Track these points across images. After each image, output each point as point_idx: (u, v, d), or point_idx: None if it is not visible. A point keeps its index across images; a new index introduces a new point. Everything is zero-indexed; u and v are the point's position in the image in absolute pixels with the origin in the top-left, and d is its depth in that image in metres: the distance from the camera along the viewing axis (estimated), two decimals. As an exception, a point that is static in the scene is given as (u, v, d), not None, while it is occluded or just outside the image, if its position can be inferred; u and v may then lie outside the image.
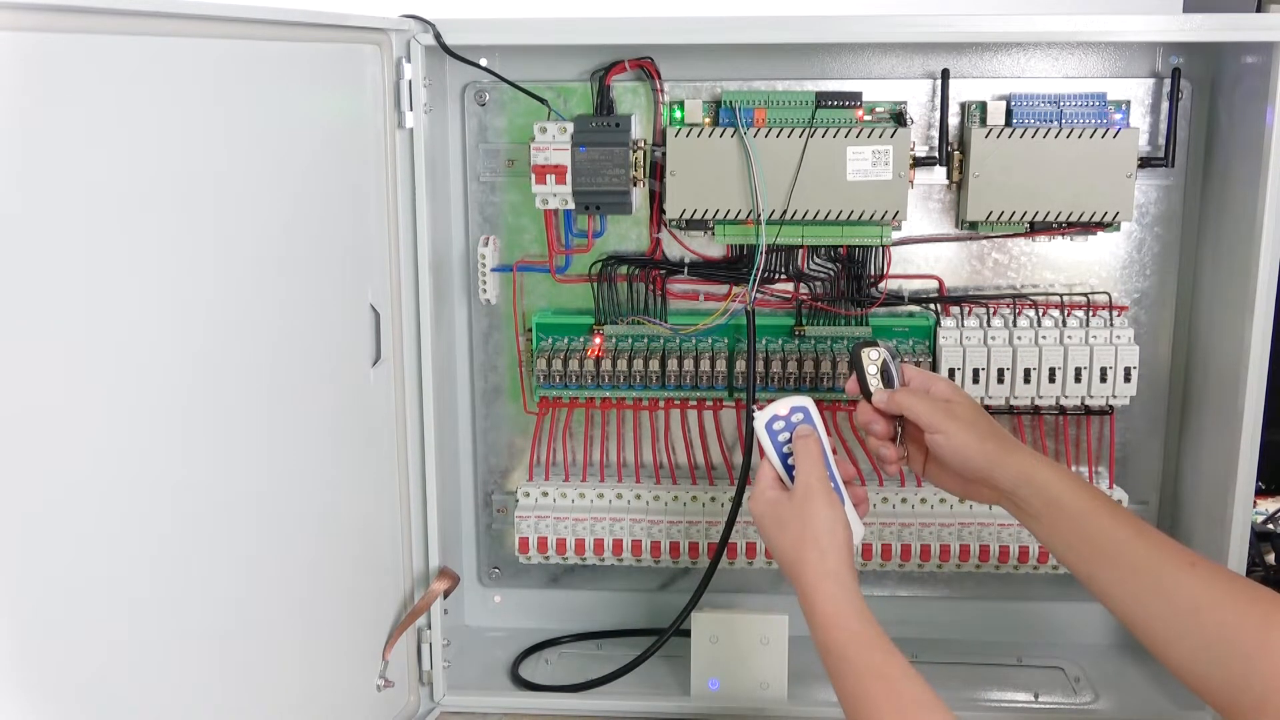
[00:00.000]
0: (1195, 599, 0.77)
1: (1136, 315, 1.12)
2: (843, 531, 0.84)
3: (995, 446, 0.86)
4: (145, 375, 0.72)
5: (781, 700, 1.10)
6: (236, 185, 0.80)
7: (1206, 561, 0.79)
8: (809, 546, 0.83)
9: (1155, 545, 0.80)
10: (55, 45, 0.65)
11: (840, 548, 0.83)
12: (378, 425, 1.02)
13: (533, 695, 1.12)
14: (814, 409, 0.90)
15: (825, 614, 0.81)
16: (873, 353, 0.91)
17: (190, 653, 0.78)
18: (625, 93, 1.09)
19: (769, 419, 0.89)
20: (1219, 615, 0.76)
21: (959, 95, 1.07)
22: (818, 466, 0.87)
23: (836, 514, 0.85)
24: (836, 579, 0.82)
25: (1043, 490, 0.84)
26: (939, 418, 0.87)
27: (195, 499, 0.77)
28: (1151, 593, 0.79)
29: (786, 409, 0.90)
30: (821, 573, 0.82)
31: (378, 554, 1.04)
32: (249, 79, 0.82)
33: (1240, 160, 1.02)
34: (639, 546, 1.14)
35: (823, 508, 0.84)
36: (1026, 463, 0.85)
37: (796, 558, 0.84)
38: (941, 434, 0.86)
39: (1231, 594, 0.76)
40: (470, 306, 1.16)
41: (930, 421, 0.87)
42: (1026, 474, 0.85)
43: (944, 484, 0.92)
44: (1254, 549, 1.20)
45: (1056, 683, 1.14)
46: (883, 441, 0.92)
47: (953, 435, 0.86)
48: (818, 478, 0.86)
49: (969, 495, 0.91)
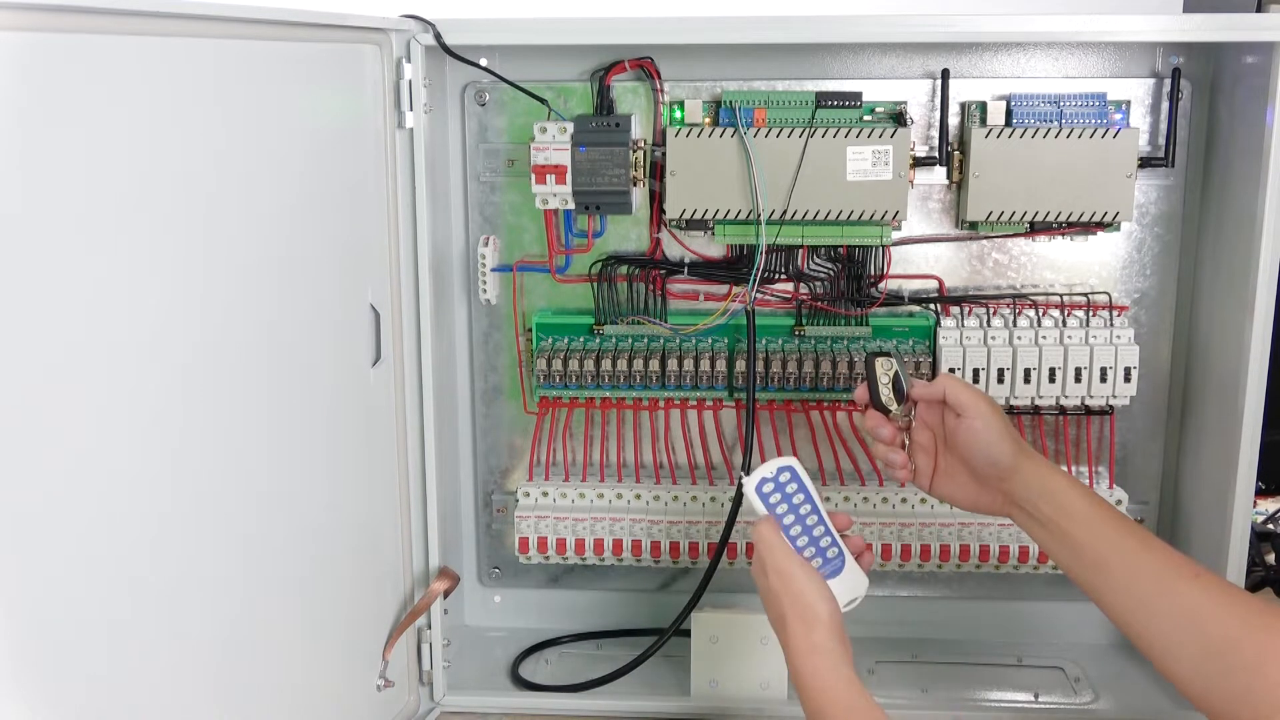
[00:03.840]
0: (1198, 609, 0.78)
1: (1136, 315, 1.12)
2: (825, 604, 0.83)
3: (1019, 447, 0.88)
4: (145, 376, 0.72)
5: (781, 700, 1.09)
6: (236, 185, 0.80)
7: (1210, 573, 0.80)
8: (793, 622, 0.83)
9: (1160, 556, 0.81)
10: (55, 45, 0.65)
11: (823, 621, 0.83)
12: (378, 425, 1.02)
13: (533, 695, 1.12)
14: (800, 468, 0.91)
15: (813, 688, 0.81)
16: (886, 363, 0.93)
17: (190, 653, 0.78)
18: (625, 93, 1.09)
19: (758, 483, 0.90)
20: (1221, 626, 0.76)
21: (959, 95, 1.07)
22: (777, 549, 0.86)
23: (816, 587, 0.84)
24: (824, 653, 0.82)
25: (1054, 497, 0.85)
26: (981, 401, 0.88)
27: (194, 500, 0.77)
28: (1155, 602, 0.80)
29: (773, 470, 0.90)
30: (808, 647, 0.82)
31: (378, 554, 1.04)
32: (249, 79, 0.82)
33: (1240, 160, 1.02)
34: (639, 546, 1.14)
35: (801, 584, 0.84)
36: (1042, 467, 0.87)
37: (782, 632, 0.84)
38: (981, 420, 0.87)
39: (1234, 605, 0.77)
40: (470, 306, 1.16)
41: (973, 403, 0.88)
42: (1042, 479, 0.86)
43: (952, 494, 0.93)
44: (1254, 549, 1.20)
45: (1056, 683, 1.14)
46: (891, 447, 0.93)
47: (991, 421, 0.87)
48: (784, 558, 0.85)
49: (976, 504, 0.91)
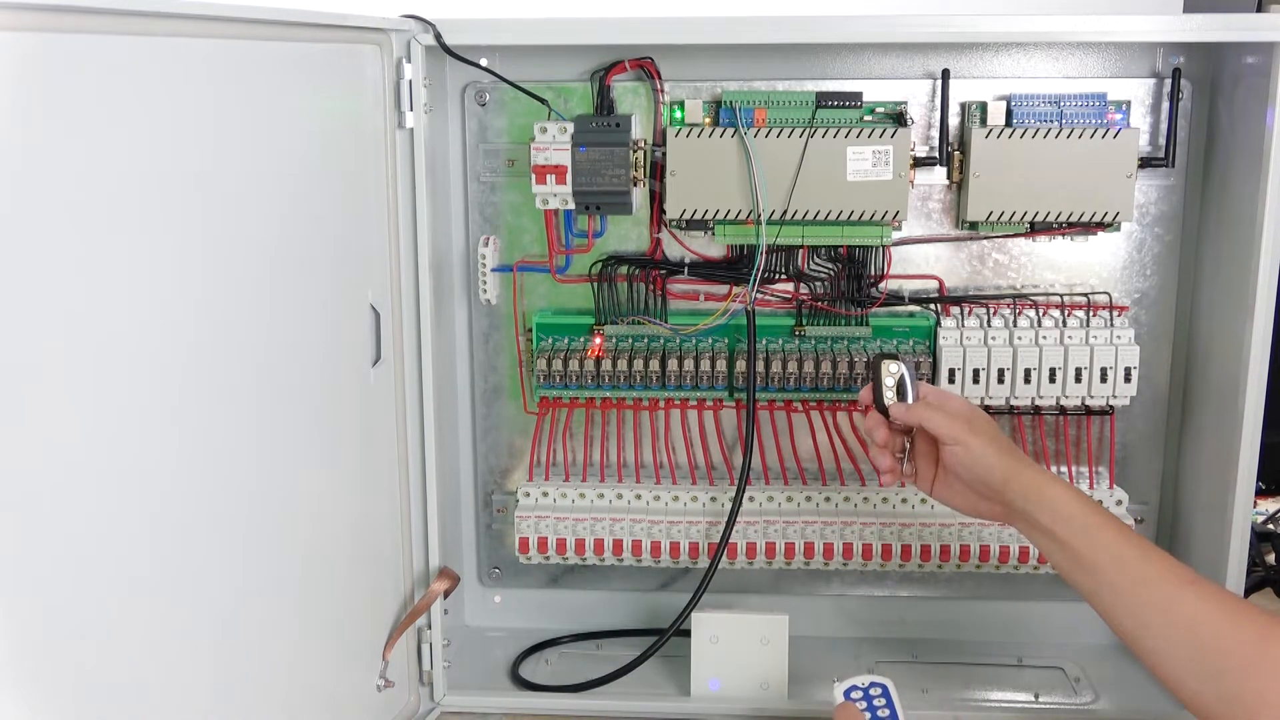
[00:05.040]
0: (1194, 615, 0.80)
1: (1137, 315, 1.12)
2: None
3: (1012, 460, 0.90)
4: (143, 376, 0.72)
5: (781, 700, 1.09)
6: (236, 185, 0.80)
7: (1206, 580, 0.82)
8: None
9: (1158, 562, 0.83)
10: (55, 45, 0.65)
11: None
12: (378, 425, 1.02)
13: (533, 695, 1.12)
14: (893, 690, 0.90)
15: None
16: (892, 365, 0.93)
17: (189, 653, 0.77)
18: (625, 93, 1.09)
19: (847, 689, 0.90)
20: (1215, 631, 0.78)
21: (959, 95, 1.07)
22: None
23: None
24: None
25: (1052, 505, 0.87)
26: (958, 430, 0.90)
27: (193, 500, 0.77)
28: (1152, 608, 0.82)
29: (865, 683, 0.91)
30: None
31: (378, 554, 1.04)
32: (249, 79, 0.82)
33: (1240, 160, 1.02)
34: (639, 546, 1.14)
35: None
36: (1038, 478, 0.89)
37: None
38: (961, 445, 0.90)
39: (1229, 611, 0.79)
40: (470, 306, 1.16)
41: (950, 433, 0.90)
42: (1038, 489, 0.88)
43: (951, 500, 0.95)
44: (1254, 549, 1.20)
45: (1056, 683, 1.14)
46: (882, 450, 0.95)
47: (972, 447, 0.89)
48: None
49: (976, 512, 0.94)
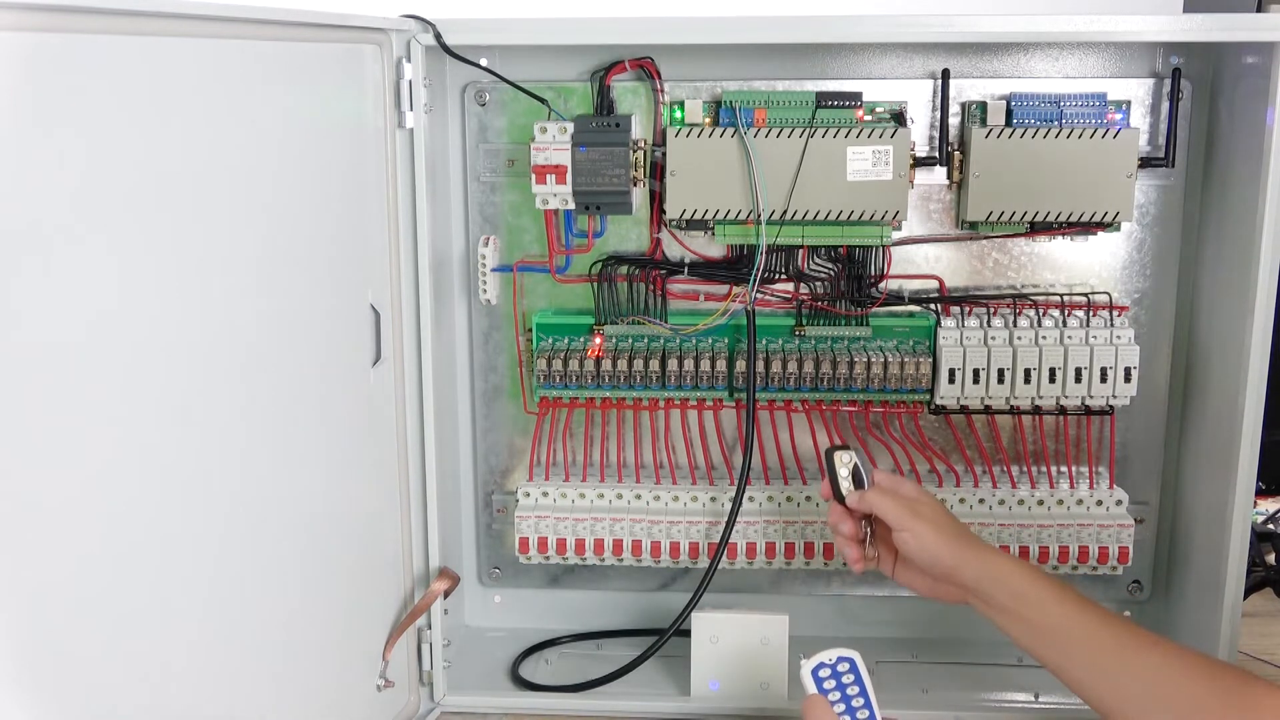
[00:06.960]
0: (1164, 674, 0.81)
1: (1137, 315, 1.12)
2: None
3: (960, 545, 0.91)
4: (144, 375, 0.72)
5: (781, 700, 1.09)
6: (236, 185, 0.80)
7: (1168, 641, 0.84)
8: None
9: (1118, 627, 0.85)
10: (55, 45, 0.65)
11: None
12: (378, 425, 1.02)
13: (533, 695, 1.12)
14: (860, 662, 0.88)
15: None
16: (844, 455, 0.97)
17: (190, 652, 0.78)
18: (625, 93, 1.09)
19: (815, 666, 0.89)
20: (1188, 689, 0.80)
21: (959, 95, 1.07)
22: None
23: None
24: None
25: (1006, 584, 0.89)
26: (906, 517, 0.92)
27: (193, 500, 0.77)
28: (1121, 672, 0.83)
29: (833, 658, 0.90)
30: None
31: (378, 554, 1.04)
32: (249, 79, 0.82)
33: (1240, 160, 1.02)
34: (639, 546, 1.14)
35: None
36: (990, 560, 0.90)
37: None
38: (908, 532, 0.92)
39: (1200, 669, 0.81)
40: (470, 306, 1.16)
41: (898, 520, 0.92)
42: (990, 570, 0.89)
43: (912, 584, 0.97)
44: (1254, 549, 1.20)
45: (1056, 683, 1.11)
46: (849, 541, 0.98)
47: (919, 534, 0.91)
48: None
49: (936, 595, 0.95)
